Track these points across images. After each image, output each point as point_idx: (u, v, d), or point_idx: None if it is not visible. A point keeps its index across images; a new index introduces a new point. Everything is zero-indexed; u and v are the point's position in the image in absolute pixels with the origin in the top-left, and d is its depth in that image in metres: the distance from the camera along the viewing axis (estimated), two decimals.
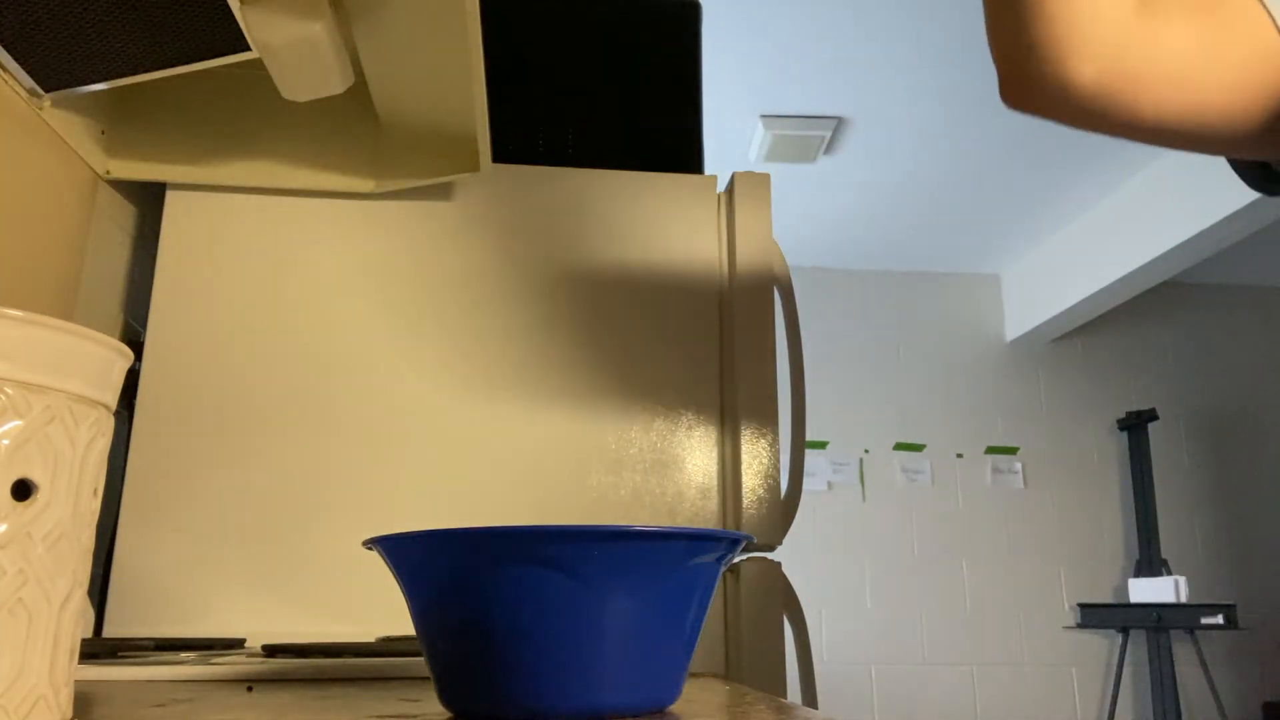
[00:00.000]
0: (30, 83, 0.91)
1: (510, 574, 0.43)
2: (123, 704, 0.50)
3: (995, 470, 4.15)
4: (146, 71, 0.90)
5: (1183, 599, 3.72)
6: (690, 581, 0.46)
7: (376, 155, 1.10)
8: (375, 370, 1.06)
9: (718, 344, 1.11)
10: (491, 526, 0.42)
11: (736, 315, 1.11)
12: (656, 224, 1.15)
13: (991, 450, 4.18)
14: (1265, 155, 0.69)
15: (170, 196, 1.09)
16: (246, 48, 0.87)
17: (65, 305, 1.01)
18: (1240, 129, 0.66)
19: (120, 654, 0.78)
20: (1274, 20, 0.63)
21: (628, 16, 1.28)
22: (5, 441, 0.36)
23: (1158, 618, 3.70)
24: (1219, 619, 3.57)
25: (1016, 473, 4.15)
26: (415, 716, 0.46)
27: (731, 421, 1.08)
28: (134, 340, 1.12)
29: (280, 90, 0.92)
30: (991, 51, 0.69)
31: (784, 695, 0.88)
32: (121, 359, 0.42)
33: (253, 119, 1.11)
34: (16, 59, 0.88)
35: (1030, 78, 0.66)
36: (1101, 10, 0.63)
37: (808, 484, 4.10)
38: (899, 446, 4.15)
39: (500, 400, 1.06)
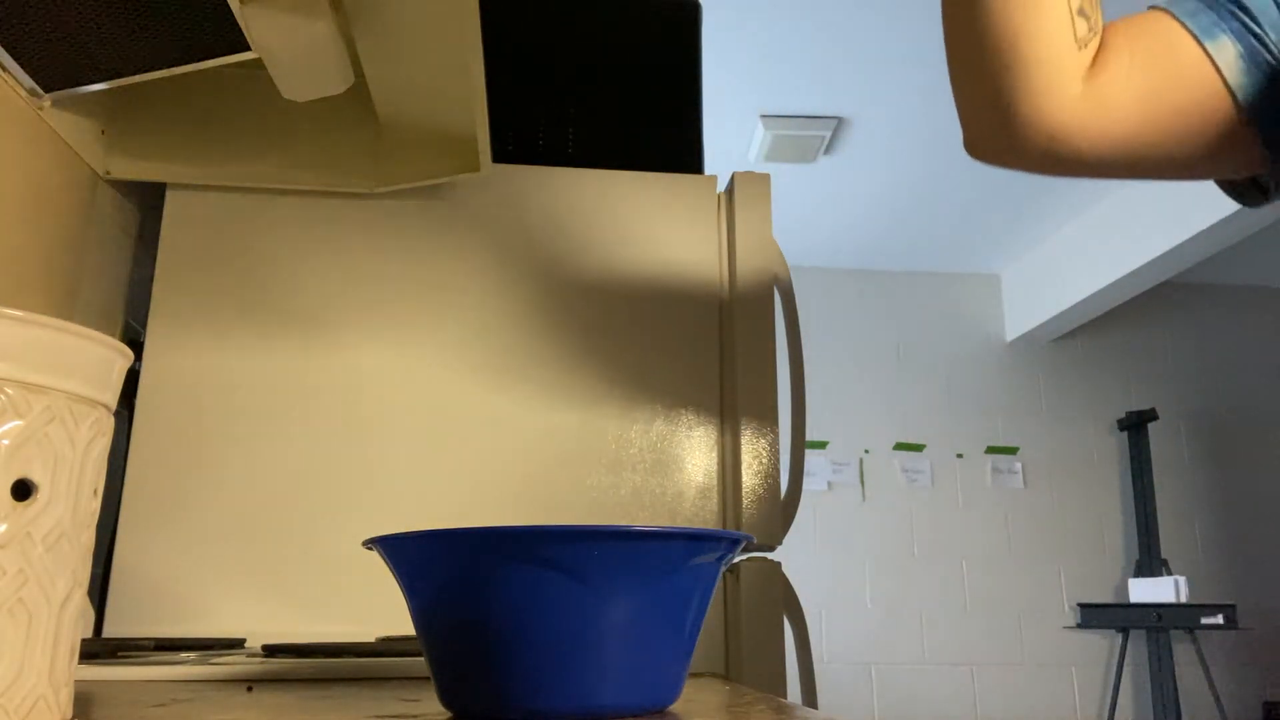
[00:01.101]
0: (30, 83, 0.91)
1: (510, 574, 0.43)
2: (123, 704, 0.50)
3: (995, 470, 4.15)
4: (146, 71, 0.90)
5: (1183, 599, 3.72)
6: (690, 581, 0.46)
7: (376, 155, 1.10)
8: (375, 370, 1.06)
9: (718, 344, 1.12)
10: (491, 526, 0.42)
11: (736, 315, 1.11)
12: (656, 224, 1.15)
13: (991, 450, 4.18)
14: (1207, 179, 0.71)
15: (170, 196, 1.09)
16: (246, 48, 0.87)
17: (65, 305, 1.01)
18: (1182, 170, 0.70)
19: (120, 654, 0.78)
20: (1222, 76, 0.64)
21: (628, 16, 1.28)
22: (5, 441, 0.36)
23: (1158, 618, 3.70)
24: (1219, 619, 3.57)
25: (1016, 473, 4.15)
26: (415, 716, 0.46)
27: (731, 421, 1.08)
28: (134, 340, 1.12)
29: (280, 90, 0.92)
30: (957, 106, 0.73)
31: (784, 695, 0.88)
32: (121, 359, 0.42)
33: (253, 119, 1.11)
34: (16, 59, 0.88)
35: (982, 143, 0.72)
36: (1049, 88, 0.66)
37: (808, 484, 4.10)
38: (899, 446, 4.15)
39: (500, 400, 1.06)
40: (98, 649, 0.75)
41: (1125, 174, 0.70)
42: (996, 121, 0.69)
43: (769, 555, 1.05)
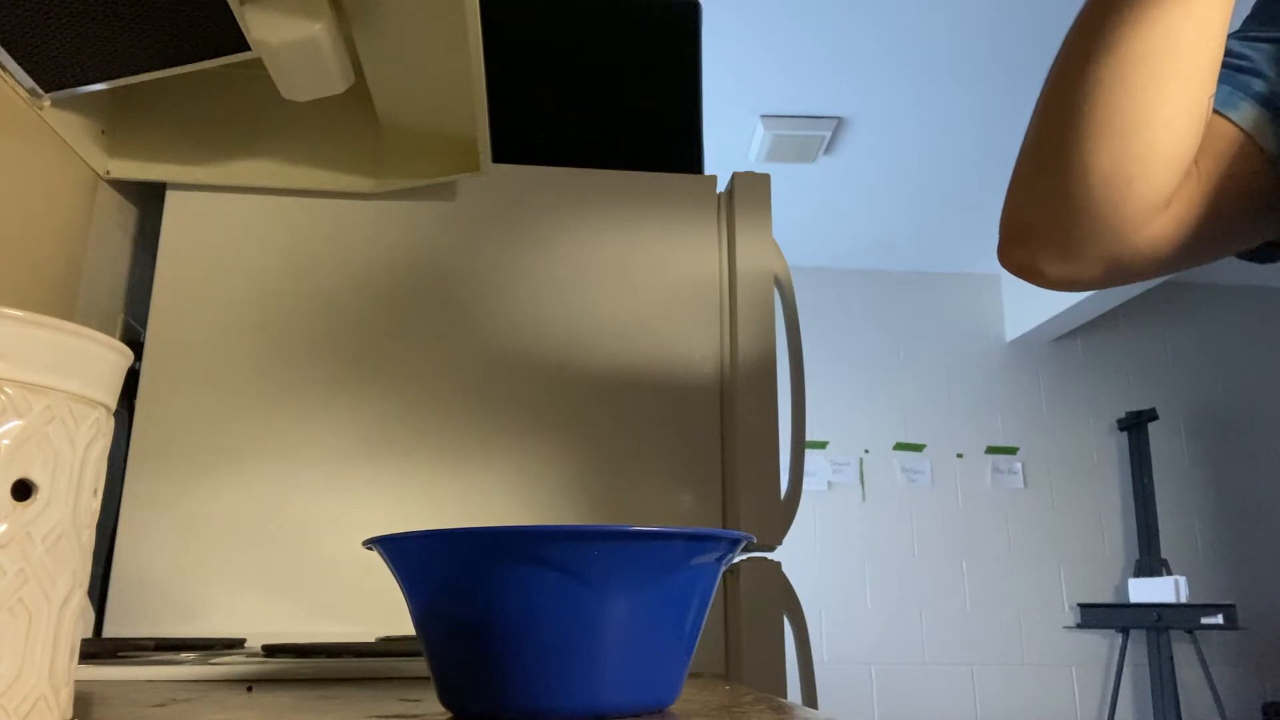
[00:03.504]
0: (30, 83, 0.91)
1: (510, 574, 0.43)
2: (123, 704, 0.50)
3: (995, 470, 4.15)
4: (146, 71, 0.90)
5: (1183, 599, 3.72)
6: (690, 581, 0.46)
7: (376, 155, 1.10)
8: (375, 370, 1.06)
9: (718, 344, 1.12)
10: (491, 526, 0.42)
11: (737, 315, 1.11)
12: (656, 224, 1.15)
13: (991, 450, 4.18)
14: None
15: (170, 196, 1.09)
16: (246, 48, 0.87)
17: (65, 305, 1.01)
18: (1233, 249, 0.67)
19: (120, 654, 0.78)
20: (1250, 138, 0.62)
21: (628, 16, 1.28)
22: (5, 441, 0.36)
23: (1158, 618, 3.70)
24: (1219, 619, 3.57)
25: (1016, 473, 4.15)
26: (415, 716, 0.46)
27: (731, 421, 1.08)
28: (134, 340, 1.12)
29: (280, 90, 0.92)
30: (1009, 209, 0.67)
31: (784, 695, 0.88)
32: (121, 359, 0.42)
33: (253, 119, 1.11)
34: (16, 59, 0.88)
35: (1035, 269, 0.66)
36: (1123, 219, 0.61)
37: (808, 484, 4.10)
38: (899, 446, 4.15)
39: (500, 400, 1.06)
40: (98, 649, 0.75)
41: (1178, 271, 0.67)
42: (1053, 255, 0.64)
43: (769, 555, 1.05)
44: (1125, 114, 0.58)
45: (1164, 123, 0.58)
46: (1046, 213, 0.64)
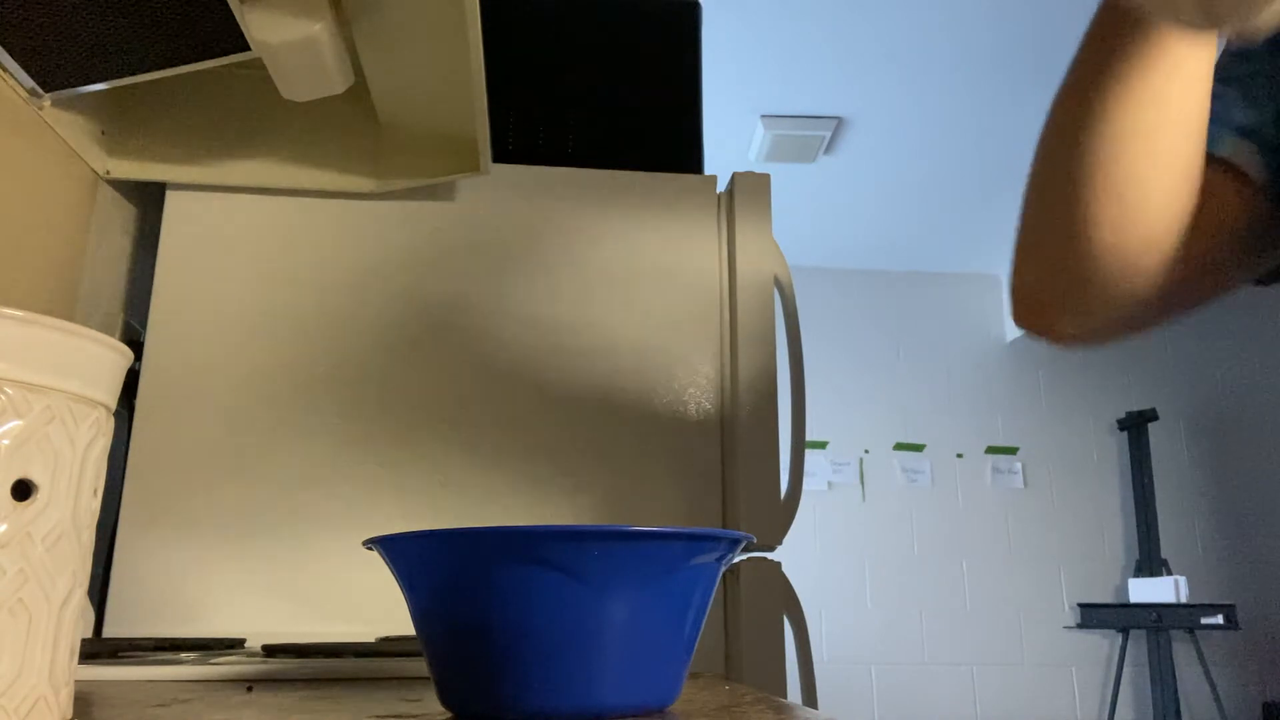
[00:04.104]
0: (30, 83, 0.91)
1: (510, 574, 0.43)
2: (123, 704, 0.50)
3: (995, 470, 4.15)
4: (146, 71, 0.90)
5: (1183, 599, 3.72)
6: (690, 581, 0.46)
7: (376, 155, 1.10)
8: (375, 370, 1.06)
9: (718, 344, 1.12)
10: (491, 526, 0.42)
11: (737, 315, 1.11)
12: (656, 224, 1.15)
13: (991, 450, 4.18)
14: None
15: (170, 196, 1.09)
16: (246, 48, 0.87)
17: (65, 305, 1.01)
18: (1234, 286, 0.67)
19: (120, 654, 0.78)
20: (1242, 172, 0.62)
21: (628, 16, 1.28)
22: (5, 441, 0.36)
23: (1158, 618, 3.70)
24: (1219, 619, 3.57)
25: (1016, 473, 4.15)
26: (415, 716, 0.46)
27: (731, 421, 1.08)
28: (134, 340, 1.12)
29: (280, 90, 0.92)
30: (1018, 278, 0.68)
31: (784, 695, 0.88)
32: (121, 359, 0.42)
33: (253, 119, 1.11)
34: (16, 59, 0.88)
35: (1051, 332, 0.68)
36: (1130, 282, 0.62)
37: (808, 484, 4.10)
38: (899, 446, 4.15)
39: (500, 400, 1.06)
40: (98, 649, 0.75)
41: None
42: (1056, 312, 0.64)
43: (769, 555, 1.05)
44: (1124, 186, 0.59)
45: (1163, 190, 0.59)
46: (1054, 283, 0.64)
